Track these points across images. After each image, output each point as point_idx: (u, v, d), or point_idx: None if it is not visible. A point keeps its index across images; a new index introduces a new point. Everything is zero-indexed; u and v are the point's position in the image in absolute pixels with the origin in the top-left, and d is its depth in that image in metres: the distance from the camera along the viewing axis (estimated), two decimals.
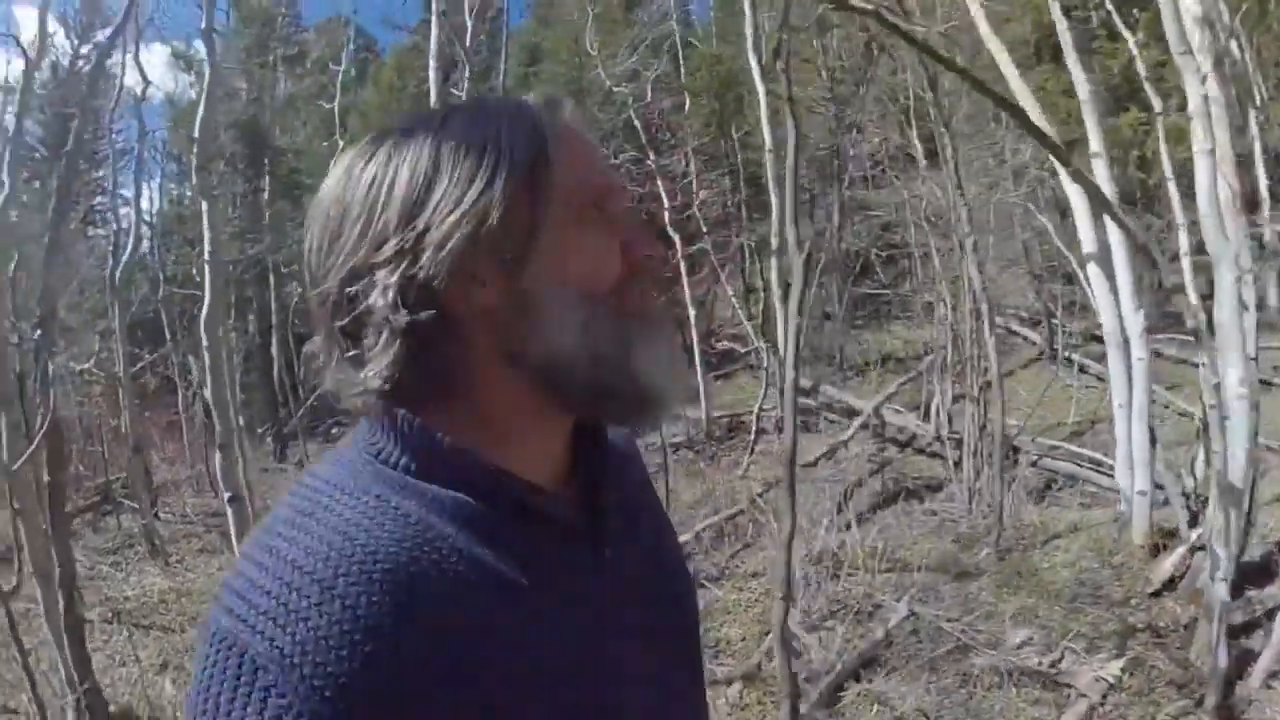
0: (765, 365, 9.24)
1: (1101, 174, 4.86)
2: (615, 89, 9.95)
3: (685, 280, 9.77)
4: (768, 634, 4.45)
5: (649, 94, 10.06)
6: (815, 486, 7.59)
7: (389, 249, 0.51)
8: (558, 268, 0.54)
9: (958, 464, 6.52)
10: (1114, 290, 5.08)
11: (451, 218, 0.51)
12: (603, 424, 0.63)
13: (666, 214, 9.59)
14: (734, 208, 12.16)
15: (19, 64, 5.48)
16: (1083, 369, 8.62)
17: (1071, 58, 5.33)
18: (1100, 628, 4.08)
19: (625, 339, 0.55)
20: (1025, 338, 10.97)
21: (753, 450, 8.56)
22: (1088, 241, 5.27)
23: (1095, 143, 5.01)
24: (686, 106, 11.29)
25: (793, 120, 3.49)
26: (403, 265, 0.51)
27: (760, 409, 8.94)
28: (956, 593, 4.70)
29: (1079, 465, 6.47)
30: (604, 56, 10.07)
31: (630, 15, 13.96)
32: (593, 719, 0.54)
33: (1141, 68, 6.68)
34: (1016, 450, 6.60)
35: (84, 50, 9.13)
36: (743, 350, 10.57)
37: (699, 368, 9.83)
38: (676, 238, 9.53)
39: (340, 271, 0.53)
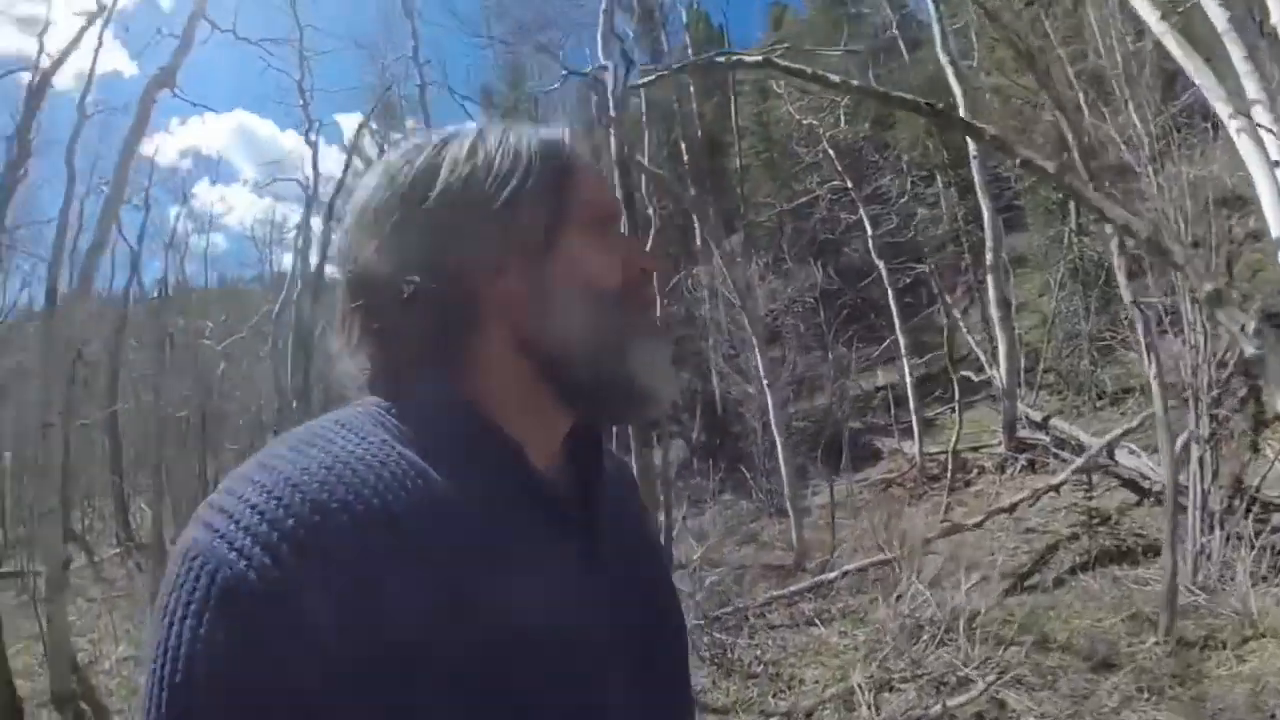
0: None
1: None
2: (805, 121, 9.81)
3: (895, 307, 9.13)
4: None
5: (841, 119, 9.69)
6: (1015, 536, 6.60)
7: (422, 235, 0.56)
8: (572, 269, 0.59)
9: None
10: None
11: (487, 211, 0.57)
12: (598, 430, 0.66)
13: (870, 241, 9.13)
14: (962, 221, 10.75)
15: None
16: None
17: None
18: None
19: (624, 339, 0.59)
20: None
21: (951, 490, 7.67)
22: None
23: None
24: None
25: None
26: (436, 250, 0.56)
27: (975, 446, 7.95)
28: (1080, 686, 3.88)
29: None
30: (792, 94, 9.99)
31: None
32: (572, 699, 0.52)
33: None
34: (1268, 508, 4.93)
35: None
36: (975, 379, 9.35)
37: (911, 398, 9.08)
38: (881, 264, 9.00)
39: (375, 252, 0.57)
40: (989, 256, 8.13)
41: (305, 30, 12.47)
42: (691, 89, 14.70)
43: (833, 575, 6.27)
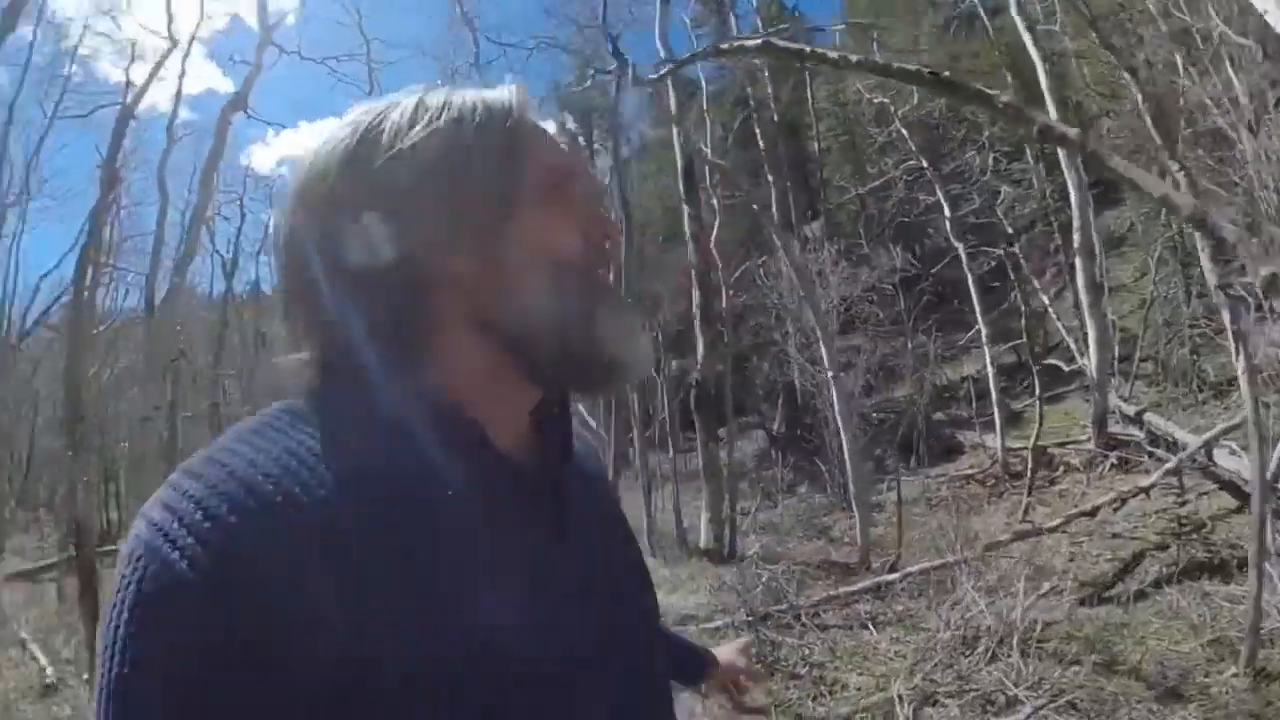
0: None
1: None
2: (876, 100, 9.32)
3: (975, 292, 8.60)
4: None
5: (914, 96, 9.11)
6: (1098, 541, 6.15)
7: (369, 214, 0.52)
8: (528, 240, 0.56)
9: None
10: None
11: (433, 188, 0.53)
12: (567, 404, 0.64)
13: (948, 223, 8.64)
14: (1052, 199, 9.82)
15: None
16: None
17: None
18: None
19: (589, 308, 0.57)
20: None
21: (1030, 491, 7.20)
22: None
23: None
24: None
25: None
26: (382, 230, 0.52)
27: (1063, 441, 7.41)
28: (1141, 718, 3.59)
29: None
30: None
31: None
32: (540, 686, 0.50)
33: None
34: None
35: None
36: (1066, 369, 8.65)
37: (993, 389, 8.56)
38: (960, 247, 8.49)
39: (316, 233, 0.54)
40: (1076, 236, 7.50)
41: (372, 44, 13.08)
42: (766, 73, 14.34)
43: (893, 577, 6.08)
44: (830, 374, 7.95)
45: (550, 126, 0.63)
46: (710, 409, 9.56)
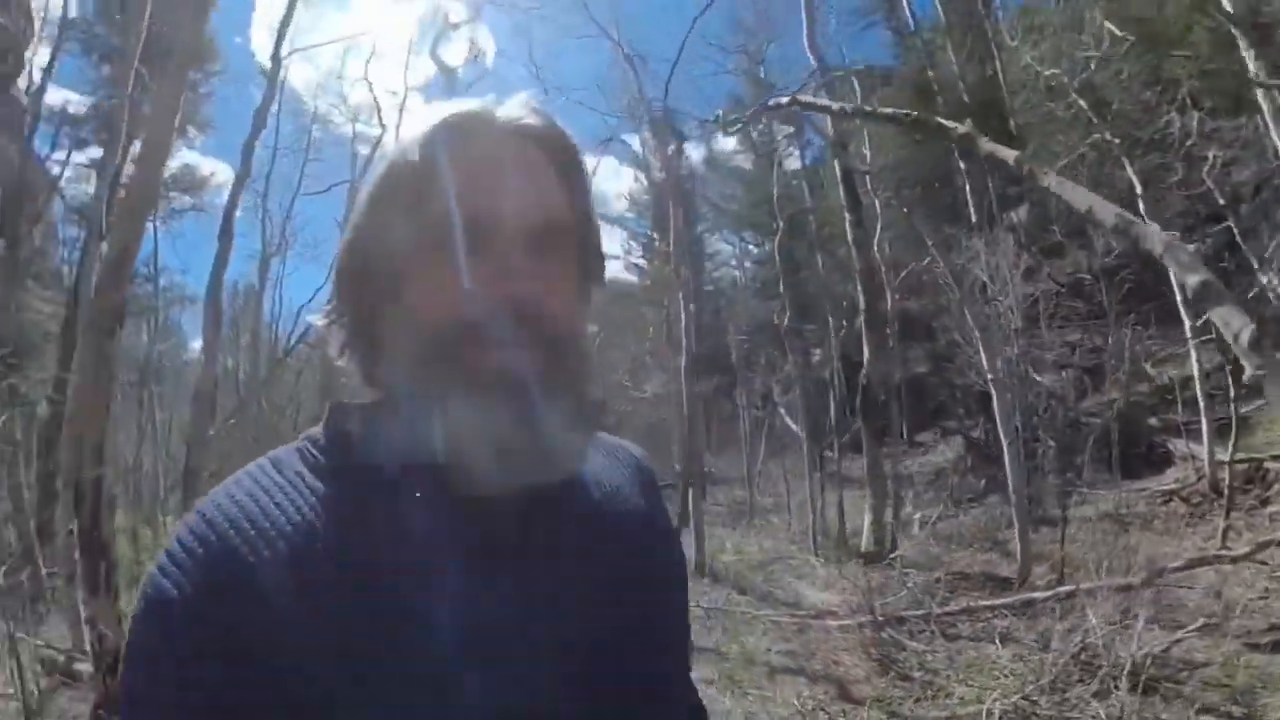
0: None
1: None
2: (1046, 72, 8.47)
3: (1175, 280, 7.60)
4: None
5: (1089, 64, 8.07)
6: None
7: (338, 259, 0.59)
8: (401, 295, 0.55)
9: None
10: None
11: (348, 236, 0.58)
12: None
13: (1140, 201, 7.75)
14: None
15: None
16: None
17: None
18: None
19: (442, 391, 0.52)
20: None
21: (1229, 514, 6.38)
22: None
23: None
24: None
25: None
26: (346, 278, 0.59)
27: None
28: None
29: None
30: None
31: None
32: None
33: None
34: None
35: None
36: None
37: (1199, 393, 7.55)
38: (1154, 228, 7.55)
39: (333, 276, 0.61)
40: None
41: (551, 92, 14.58)
42: (948, 47, 13.52)
43: (1040, 595, 5.94)
44: (990, 376, 7.70)
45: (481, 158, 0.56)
46: (876, 414, 9.61)
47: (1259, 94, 7.37)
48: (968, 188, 12.33)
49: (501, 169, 0.56)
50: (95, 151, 12.83)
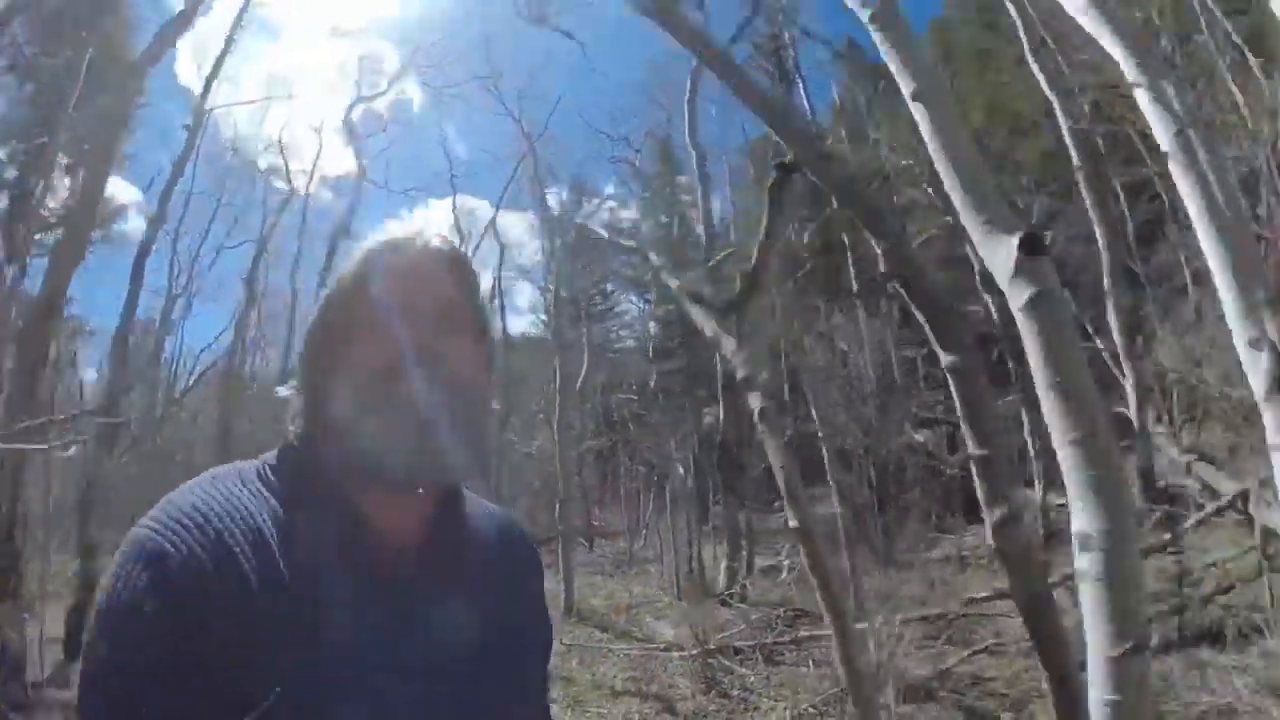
0: None
1: None
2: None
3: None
4: None
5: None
6: None
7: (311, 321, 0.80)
8: (357, 348, 0.74)
9: None
10: None
11: (324, 313, 0.78)
12: (453, 499, 0.80)
13: (979, 279, 8.62)
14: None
15: None
16: None
17: None
18: None
19: (373, 411, 0.72)
20: None
21: (1046, 550, 7.03)
22: None
23: None
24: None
25: None
26: (309, 340, 0.79)
27: None
28: None
29: None
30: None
31: None
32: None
33: None
34: None
35: None
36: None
37: (1031, 450, 8.33)
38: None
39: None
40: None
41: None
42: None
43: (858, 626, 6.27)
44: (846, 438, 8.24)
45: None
46: (731, 469, 10.16)
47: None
48: (849, 258, 13.41)
49: (420, 272, 0.78)
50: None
